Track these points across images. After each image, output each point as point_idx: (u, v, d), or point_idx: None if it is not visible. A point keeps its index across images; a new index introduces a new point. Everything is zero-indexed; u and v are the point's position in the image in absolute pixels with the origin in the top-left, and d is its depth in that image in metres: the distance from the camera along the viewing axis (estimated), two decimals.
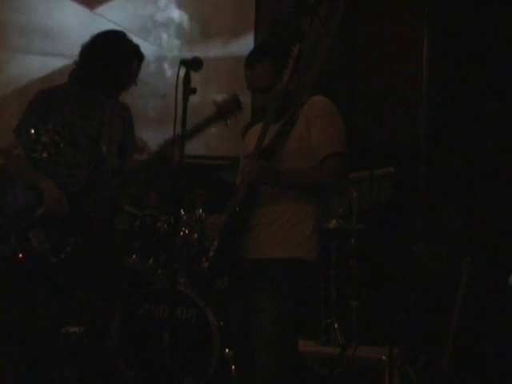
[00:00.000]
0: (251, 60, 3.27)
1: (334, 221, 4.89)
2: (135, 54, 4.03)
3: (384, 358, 4.37)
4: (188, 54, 3.32)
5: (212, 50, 5.87)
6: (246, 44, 5.69)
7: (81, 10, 6.08)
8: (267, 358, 3.18)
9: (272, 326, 3.16)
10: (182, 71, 3.11)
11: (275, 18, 5.85)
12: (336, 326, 4.81)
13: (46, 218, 3.93)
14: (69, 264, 3.93)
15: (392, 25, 5.69)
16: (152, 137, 4.70)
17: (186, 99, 3.07)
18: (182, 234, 4.82)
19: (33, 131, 3.13)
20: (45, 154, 3.16)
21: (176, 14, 6.06)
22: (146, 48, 5.82)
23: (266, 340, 3.17)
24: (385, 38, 5.68)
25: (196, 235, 4.83)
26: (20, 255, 4.44)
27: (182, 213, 4.90)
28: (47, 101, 3.97)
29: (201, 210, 4.94)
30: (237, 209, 3.20)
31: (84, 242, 3.94)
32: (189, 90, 3.09)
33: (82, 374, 4.29)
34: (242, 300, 3.29)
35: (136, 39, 3.99)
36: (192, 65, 3.13)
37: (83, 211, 3.97)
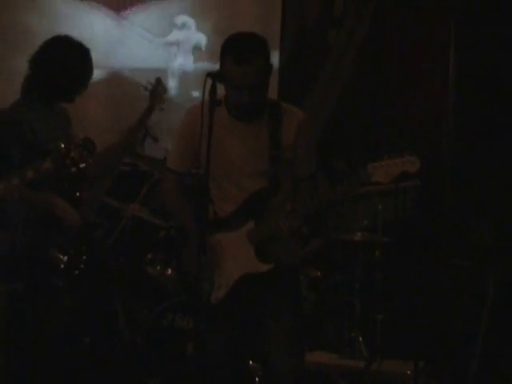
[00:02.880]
0: (247, 55, 3.15)
1: (359, 233, 4.86)
2: (82, 54, 4.04)
3: (409, 372, 4.34)
4: (212, 67, 3.32)
5: None
6: (272, 56, 5.68)
7: (108, 15, 6.08)
8: (289, 366, 3.24)
9: (291, 334, 3.25)
10: (208, 84, 3.11)
11: (300, 31, 5.84)
12: (360, 339, 4.77)
13: (55, 233, 3.95)
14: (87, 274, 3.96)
15: (418, 37, 5.66)
16: None
17: (212, 111, 3.07)
18: None
19: (62, 145, 3.16)
20: (73, 169, 3.19)
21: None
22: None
23: (286, 348, 3.23)
24: (410, 51, 5.65)
25: None
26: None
27: None
28: (12, 121, 3.96)
29: None
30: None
31: (93, 249, 3.98)
32: (215, 103, 3.09)
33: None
34: (237, 313, 3.31)
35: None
36: (218, 77, 3.13)
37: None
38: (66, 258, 3.93)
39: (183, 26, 6.07)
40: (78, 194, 4.03)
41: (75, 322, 4.08)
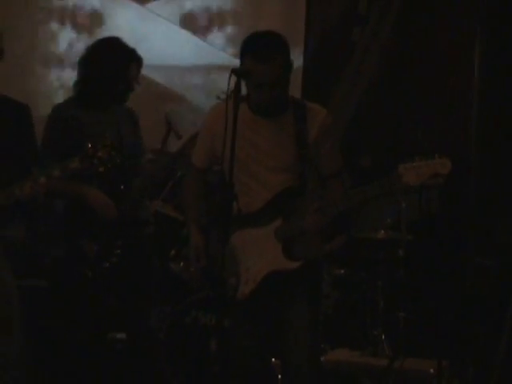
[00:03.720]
0: (266, 53, 3.17)
1: (383, 231, 4.85)
2: (131, 58, 4.07)
3: (432, 370, 4.33)
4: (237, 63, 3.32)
5: None
6: (295, 54, 5.68)
7: (133, 7, 6.09)
8: (306, 360, 3.27)
9: (308, 329, 3.28)
10: (233, 80, 3.13)
11: (324, 28, 5.83)
12: (383, 337, 4.76)
13: (90, 224, 3.98)
14: (119, 268, 3.98)
15: (442, 34, 5.63)
16: None
17: (236, 108, 3.09)
18: None
19: (90, 145, 3.20)
20: (101, 169, 3.23)
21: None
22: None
23: (304, 342, 3.27)
24: (435, 46, 5.63)
25: None
26: None
27: None
28: (63, 116, 4.03)
29: None
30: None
31: (130, 244, 4.01)
32: (239, 99, 3.10)
33: (129, 380, 4.33)
34: (261, 310, 3.33)
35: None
36: (242, 74, 3.14)
37: (121, 214, 4.02)
38: (96, 248, 3.96)
39: None
40: (121, 188, 4.07)
41: (103, 317, 4.12)
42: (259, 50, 3.18)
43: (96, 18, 6.09)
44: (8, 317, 3.37)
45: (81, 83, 4.10)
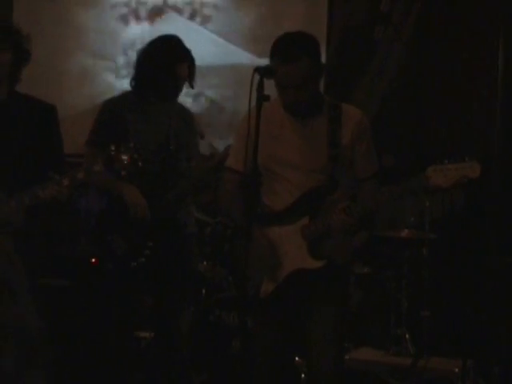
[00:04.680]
0: (292, 54, 3.16)
1: (406, 230, 4.83)
2: (180, 57, 4.07)
3: (457, 370, 4.30)
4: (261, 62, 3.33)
5: None
6: None
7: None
8: (330, 361, 3.27)
9: (335, 330, 3.28)
10: (256, 78, 3.12)
11: (347, 27, 5.82)
12: (407, 336, 4.75)
13: (124, 221, 4.00)
14: (147, 268, 3.99)
15: (466, 33, 5.60)
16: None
17: (259, 107, 3.08)
18: None
19: (112, 148, 3.21)
20: (123, 172, 3.24)
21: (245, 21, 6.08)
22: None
23: (329, 343, 3.27)
24: (458, 49, 5.60)
25: None
26: (93, 260, 4.53)
27: None
28: (112, 109, 4.07)
29: None
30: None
31: (160, 246, 4.00)
32: (262, 98, 3.10)
33: (152, 379, 4.34)
34: (285, 309, 3.32)
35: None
36: (266, 72, 3.14)
37: (157, 216, 4.02)
38: (125, 246, 3.98)
39: None
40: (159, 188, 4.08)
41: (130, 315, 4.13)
42: (284, 51, 3.17)
43: None
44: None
45: (134, 79, 4.13)
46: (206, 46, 5.95)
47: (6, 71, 3.42)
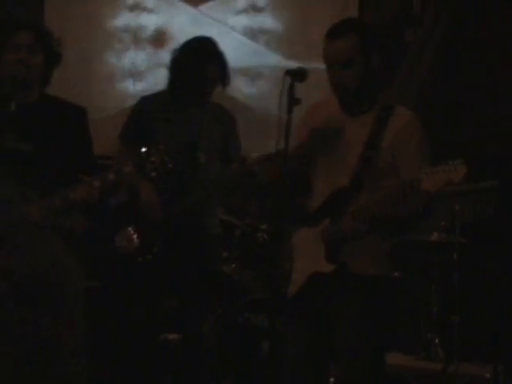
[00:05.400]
0: (338, 31, 3.18)
1: (436, 234, 4.80)
2: (209, 59, 4.07)
3: (488, 375, 4.27)
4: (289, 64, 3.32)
5: (315, 61, 5.84)
6: None
7: (187, 10, 6.11)
8: (356, 369, 3.24)
9: (361, 340, 3.22)
10: (287, 81, 3.11)
11: (377, 28, 5.80)
12: (437, 341, 4.71)
13: (138, 217, 4.01)
14: (155, 267, 3.99)
15: (496, 39, 5.56)
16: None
17: (290, 110, 3.07)
18: None
19: (143, 149, 3.22)
20: (153, 174, 3.25)
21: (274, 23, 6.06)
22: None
23: (355, 350, 3.23)
24: (491, 49, 5.56)
25: None
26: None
27: None
28: (145, 107, 4.09)
29: None
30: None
31: (172, 246, 4.00)
32: (293, 101, 3.09)
33: (179, 382, 4.34)
34: (310, 312, 3.29)
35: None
36: (297, 75, 3.13)
37: (174, 216, 4.03)
38: (137, 241, 3.98)
39: None
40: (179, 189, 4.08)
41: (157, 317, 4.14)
42: (333, 28, 3.22)
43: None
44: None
45: (167, 78, 4.15)
46: (237, 47, 5.96)
47: (37, 74, 3.45)
